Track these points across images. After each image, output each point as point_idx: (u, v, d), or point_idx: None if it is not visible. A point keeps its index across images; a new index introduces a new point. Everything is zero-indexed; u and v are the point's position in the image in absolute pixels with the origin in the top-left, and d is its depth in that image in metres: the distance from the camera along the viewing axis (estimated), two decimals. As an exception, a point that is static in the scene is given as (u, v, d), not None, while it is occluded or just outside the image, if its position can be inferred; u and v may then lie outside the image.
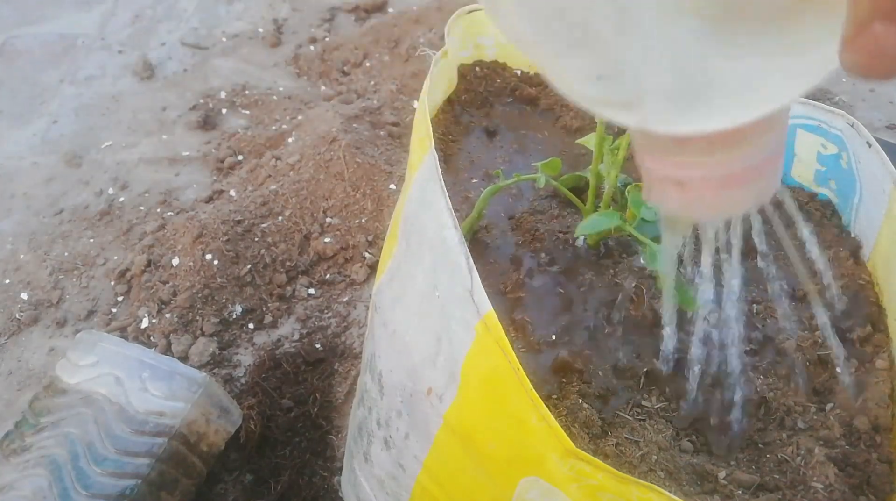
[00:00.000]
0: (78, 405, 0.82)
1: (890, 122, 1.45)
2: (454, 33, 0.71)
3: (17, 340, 1.09)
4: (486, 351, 0.43)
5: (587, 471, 0.39)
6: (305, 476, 0.90)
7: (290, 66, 1.66)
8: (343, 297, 1.13)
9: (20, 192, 1.34)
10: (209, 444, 0.86)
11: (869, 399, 0.51)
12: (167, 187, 1.33)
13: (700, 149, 0.27)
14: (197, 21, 1.79)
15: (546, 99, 0.76)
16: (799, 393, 0.52)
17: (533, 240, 0.60)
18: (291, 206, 1.22)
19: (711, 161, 0.27)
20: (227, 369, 1.03)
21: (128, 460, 0.78)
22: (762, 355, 0.54)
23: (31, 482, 0.76)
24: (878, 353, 0.54)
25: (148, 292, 1.11)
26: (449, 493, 0.52)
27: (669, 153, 0.28)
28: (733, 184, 0.28)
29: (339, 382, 1.00)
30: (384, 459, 0.59)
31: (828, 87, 1.52)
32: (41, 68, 1.65)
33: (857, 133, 0.59)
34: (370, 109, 1.40)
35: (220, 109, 1.51)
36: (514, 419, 0.42)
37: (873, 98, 1.52)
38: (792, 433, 0.50)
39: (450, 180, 0.65)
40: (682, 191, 0.29)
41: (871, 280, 0.58)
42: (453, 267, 0.44)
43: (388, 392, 0.56)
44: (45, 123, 1.50)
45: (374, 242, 1.18)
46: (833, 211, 0.64)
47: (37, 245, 1.23)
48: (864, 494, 0.47)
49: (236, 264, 1.13)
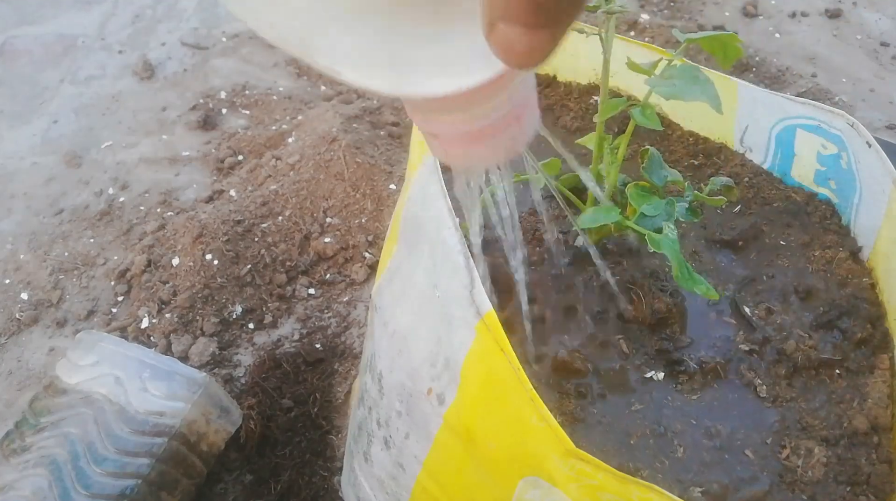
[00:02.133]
0: (78, 405, 0.82)
1: (890, 122, 1.45)
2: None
3: (17, 340, 1.09)
4: (486, 351, 0.43)
5: (587, 471, 0.39)
6: (305, 476, 0.90)
7: (290, 66, 1.66)
8: (343, 297, 1.13)
9: (20, 192, 1.34)
10: (209, 444, 0.86)
11: (869, 399, 0.51)
12: (167, 187, 1.33)
13: (439, 109, 0.32)
14: (197, 21, 1.79)
15: (546, 99, 0.76)
16: (798, 393, 0.53)
17: (533, 240, 0.60)
18: (291, 206, 1.22)
19: (450, 120, 0.32)
20: (227, 369, 1.03)
21: (128, 460, 0.78)
22: (762, 355, 0.54)
23: (31, 482, 0.76)
24: (878, 353, 0.54)
25: (148, 292, 1.11)
26: (449, 493, 0.52)
27: (421, 111, 0.33)
28: (474, 140, 0.33)
29: (339, 382, 1.00)
30: (384, 459, 0.59)
31: (828, 87, 1.52)
32: (41, 68, 1.65)
33: (857, 133, 0.59)
34: (370, 109, 1.40)
35: (220, 109, 1.51)
36: (514, 419, 0.42)
37: (873, 98, 1.52)
38: (792, 434, 0.50)
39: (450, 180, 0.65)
40: (439, 143, 0.34)
41: (872, 280, 0.58)
42: (453, 267, 0.44)
43: (388, 392, 0.56)
44: (45, 123, 1.50)
45: (374, 242, 1.18)
46: (833, 211, 0.64)
47: (37, 245, 1.23)
48: (864, 494, 0.47)
49: (236, 264, 1.13)
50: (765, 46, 1.65)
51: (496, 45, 0.24)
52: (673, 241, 0.50)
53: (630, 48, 0.71)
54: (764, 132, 0.67)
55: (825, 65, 1.60)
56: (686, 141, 0.73)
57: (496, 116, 0.32)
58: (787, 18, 1.75)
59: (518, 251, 0.49)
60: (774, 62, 1.57)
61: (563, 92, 0.76)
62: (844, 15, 1.75)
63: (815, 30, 1.71)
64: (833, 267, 0.60)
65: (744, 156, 0.70)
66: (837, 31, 1.71)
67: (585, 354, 0.53)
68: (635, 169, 0.58)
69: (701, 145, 0.72)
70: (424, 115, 0.33)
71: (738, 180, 0.67)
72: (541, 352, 0.53)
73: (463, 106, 0.31)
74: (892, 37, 1.68)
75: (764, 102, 0.66)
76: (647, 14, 1.72)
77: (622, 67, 0.55)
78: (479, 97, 0.30)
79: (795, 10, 1.76)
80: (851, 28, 1.72)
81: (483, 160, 0.36)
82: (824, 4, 1.78)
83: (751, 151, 0.69)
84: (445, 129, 0.33)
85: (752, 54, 1.59)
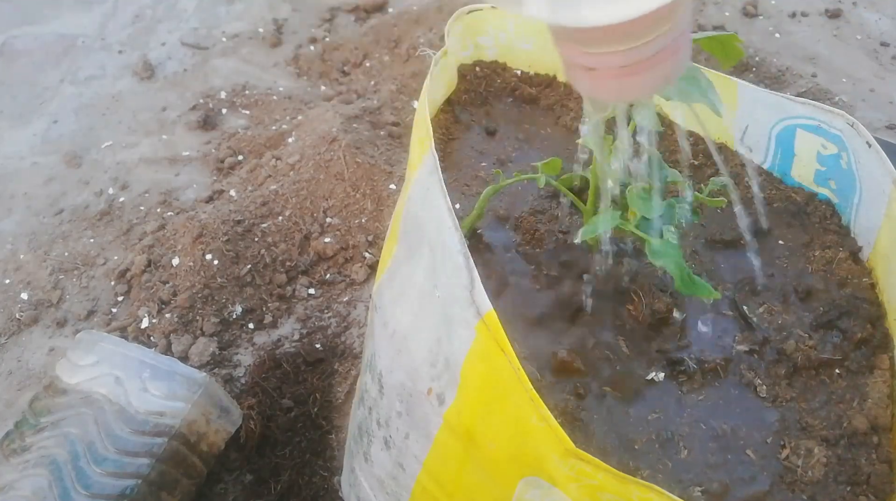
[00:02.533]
0: (78, 405, 0.82)
1: (890, 122, 1.45)
2: (454, 33, 0.71)
3: (17, 340, 1.09)
4: (486, 351, 0.43)
5: (587, 471, 0.39)
6: (305, 476, 0.90)
7: (290, 66, 1.65)
8: (343, 297, 1.13)
9: (20, 192, 1.34)
10: (209, 444, 0.86)
11: (869, 399, 0.51)
12: (167, 187, 1.33)
13: (599, 40, 0.32)
14: (197, 21, 1.79)
15: (546, 99, 0.76)
16: (798, 393, 0.53)
17: (533, 240, 0.60)
18: (291, 206, 1.22)
19: (610, 52, 0.32)
20: (227, 369, 1.03)
21: (128, 460, 0.78)
22: (762, 355, 0.54)
23: (31, 482, 0.76)
24: (878, 353, 0.54)
25: (148, 292, 1.11)
26: (449, 493, 0.52)
27: (577, 43, 0.33)
28: (632, 73, 0.33)
29: (339, 382, 1.00)
30: (384, 459, 0.59)
31: (828, 87, 1.52)
32: (41, 68, 1.65)
33: (857, 133, 0.59)
34: (370, 109, 1.40)
35: (220, 109, 1.51)
36: (514, 419, 0.42)
37: (873, 98, 1.52)
38: (792, 434, 0.50)
39: (450, 180, 0.65)
40: (591, 76, 0.34)
41: (872, 280, 0.58)
42: (453, 267, 0.44)
43: (388, 392, 0.56)
44: (45, 123, 1.50)
45: (374, 242, 1.18)
46: (833, 211, 0.64)
47: (37, 245, 1.23)
48: (863, 494, 0.47)
49: (236, 264, 1.13)
50: (765, 46, 1.65)
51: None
52: (675, 247, 0.49)
53: (630, 48, 0.71)
54: (764, 132, 0.67)
55: (825, 65, 1.60)
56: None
57: (660, 47, 0.32)
58: (787, 18, 1.75)
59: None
60: (774, 62, 1.57)
61: (564, 92, 0.76)
62: (844, 15, 1.75)
63: (815, 30, 1.71)
64: (833, 267, 0.60)
65: (744, 156, 0.70)
66: (837, 31, 1.71)
67: (585, 354, 0.53)
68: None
69: (701, 145, 0.72)
70: (586, 46, 0.32)
71: (738, 180, 0.67)
72: (541, 352, 0.53)
73: (631, 35, 0.31)
74: (892, 37, 1.68)
75: (764, 102, 0.66)
76: (647, 14, 1.71)
77: (622, 67, 0.54)
78: (647, 26, 0.30)
79: (795, 10, 1.76)
80: (851, 28, 1.72)
81: (636, 93, 0.36)
82: (824, 4, 1.78)
83: (751, 151, 0.69)
84: (606, 61, 0.33)
85: (752, 54, 1.59)
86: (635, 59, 0.32)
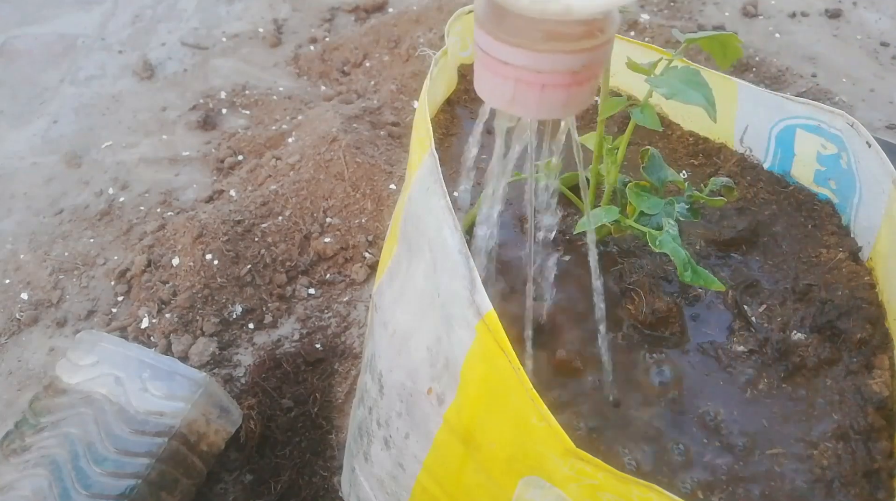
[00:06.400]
0: (78, 405, 0.82)
1: (890, 122, 1.45)
2: (454, 33, 0.71)
3: (17, 340, 1.09)
4: (486, 351, 0.43)
5: (587, 471, 0.39)
6: (305, 476, 0.90)
7: (290, 66, 1.66)
8: (343, 297, 1.13)
9: (20, 192, 1.34)
10: (209, 444, 0.86)
11: (869, 399, 0.51)
12: (167, 187, 1.33)
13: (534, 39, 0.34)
14: (197, 21, 1.79)
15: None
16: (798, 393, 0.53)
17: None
18: (291, 206, 1.22)
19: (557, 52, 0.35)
20: (227, 369, 1.03)
21: (128, 460, 0.78)
22: (762, 355, 0.54)
23: (31, 482, 0.76)
24: (878, 353, 0.54)
25: (148, 292, 1.11)
26: (449, 493, 0.52)
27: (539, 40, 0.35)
28: (559, 86, 0.36)
29: (339, 382, 1.00)
30: (384, 459, 0.59)
31: (828, 87, 1.52)
32: (41, 68, 1.65)
33: (856, 133, 0.59)
34: (370, 109, 1.40)
35: (220, 109, 1.52)
36: (514, 419, 0.42)
37: (873, 98, 1.52)
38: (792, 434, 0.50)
39: (450, 180, 0.65)
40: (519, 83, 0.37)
41: (872, 280, 0.58)
42: (453, 267, 0.44)
43: (388, 392, 0.56)
44: (45, 123, 1.50)
45: (374, 242, 1.18)
46: (833, 211, 0.64)
47: (37, 245, 1.23)
48: (864, 494, 0.47)
49: (236, 264, 1.13)
50: (765, 46, 1.65)
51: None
52: (674, 237, 0.50)
53: (630, 48, 0.71)
54: (764, 132, 0.67)
55: (825, 65, 1.60)
56: (686, 141, 0.73)
57: (592, 60, 0.35)
58: (787, 18, 1.75)
59: (529, 245, 0.50)
60: (774, 62, 1.57)
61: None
62: (844, 15, 1.75)
63: (815, 30, 1.71)
64: (833, 267, 0.60)
65: (744, 156, 0.70)
66: (837, 31, 1.71)
67: (585, 354, 0.53)
68: (636, 169, 0.58)
69: (701, 145, 0.72)
70: (537, 45, 0.35)
71: (737, 180, 0.67)
72: (541, 352, 0.53)
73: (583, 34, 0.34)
74: (892, 37, 1.68)
75: (764, 102, 0.66)
76: (647, 14, 1.72)
77: (622, 67, 0.55)
78: (592, 29, 0.33)
79: (795, 10, 1.76)
80: (851, 28, 1.72)
81: (554, 111, 0.38)
82: (824, 4, 1.78)
83: (751, 151, 0.69)
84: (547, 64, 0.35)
85: (752, 54, 1.59)
86: (575, 66, 0.35)
